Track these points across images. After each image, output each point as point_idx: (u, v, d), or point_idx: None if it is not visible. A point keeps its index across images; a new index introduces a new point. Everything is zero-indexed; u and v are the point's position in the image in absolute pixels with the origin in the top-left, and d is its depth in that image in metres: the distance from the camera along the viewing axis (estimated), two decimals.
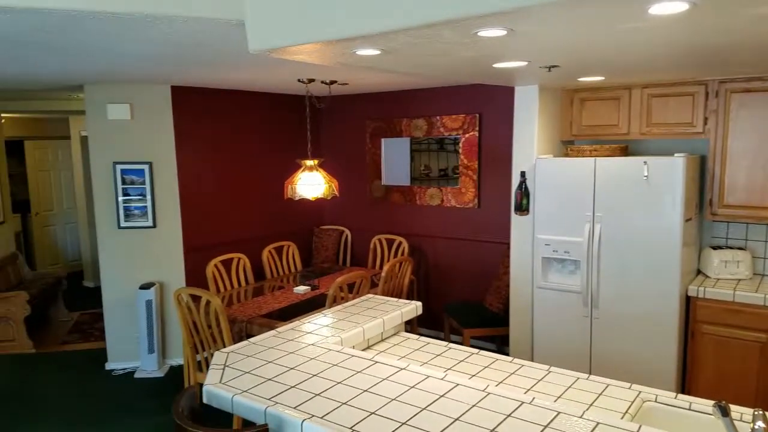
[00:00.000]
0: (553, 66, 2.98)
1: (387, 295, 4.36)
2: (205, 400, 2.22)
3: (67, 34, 2.53)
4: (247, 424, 3.14)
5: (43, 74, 3.98)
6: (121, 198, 4.96)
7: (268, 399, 2.06)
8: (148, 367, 4.99)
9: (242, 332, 4.00)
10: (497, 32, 2.01)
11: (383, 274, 4.24)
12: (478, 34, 2.03)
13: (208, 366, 3.86)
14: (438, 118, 5.28)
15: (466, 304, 4.94)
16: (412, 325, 4.95)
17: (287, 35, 2.17)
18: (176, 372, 5.02)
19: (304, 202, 5.53)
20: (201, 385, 2.23)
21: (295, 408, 1.98)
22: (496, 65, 2.82)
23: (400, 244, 5.50)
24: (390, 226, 5.78)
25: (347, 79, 4.36)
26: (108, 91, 4.82)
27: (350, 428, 1.83)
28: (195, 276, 5.16)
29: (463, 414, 1.91)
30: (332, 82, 4.43)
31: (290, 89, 5.18)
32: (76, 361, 5.39)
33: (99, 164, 4.93)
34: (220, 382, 2.24)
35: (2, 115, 6.67)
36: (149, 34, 2.54)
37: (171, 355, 5.19)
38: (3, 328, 5.68)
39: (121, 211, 4.98)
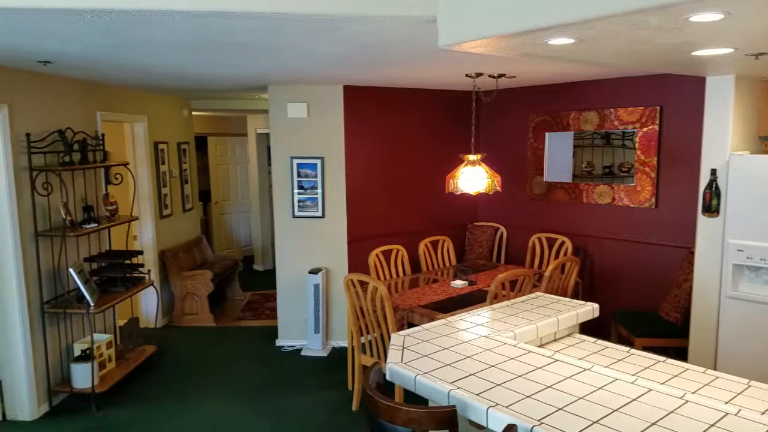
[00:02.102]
0: (761, 53, 2.69)
1: None
2: (388, 377, 2.34)
3: (271, 36, 2.79)
4: (407, 399, 3.22)
5: (239, 75, 4.43)
6: (296, 190, 5.37)
7: (450, 383, 2.11)
8: (314, 346, 5.35)
9: (403, 320, 4.14)
10: (712, 16, 1.87)
11: (546, 273, 4.13)
12: (689, 19, 1.90)
13: (371, 348, 4.05)
14: (612, 110, 4.99)
15: (637, 312, 4.65)
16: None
17: (480, 28, 2.20)
18: (338, 353, 5.33)
19: (458, 197, 5.56)
20: (363, 365, 2.34)
21: (478, 395, 2.02)
22: (695, 53, 2.62)
23: (562, 243, 5.31)
24: (551, 224, 5.60)
25: (516, 71, 4.30)
26: (288, 92, 5.24)
27: (538, 420, 1.82)
28: (356, 264, 5.43)
29: (660, 419, 1.81)
30: (500, 76, 4.39)
31: (455, 84, 5.22)
32: (250, 337, 5.94)
33: (278, 158, 5.38)
34: (401, 361, 2.34)
35: (193, 113, 7.53)
36: (344, 33, 2.71)
37: (333, 336, 5.52)
38: (189, 303, 6.42)
39: (296, 202, 5.40)
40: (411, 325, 4.01)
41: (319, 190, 5.36)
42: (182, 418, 4.12)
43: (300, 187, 5.37)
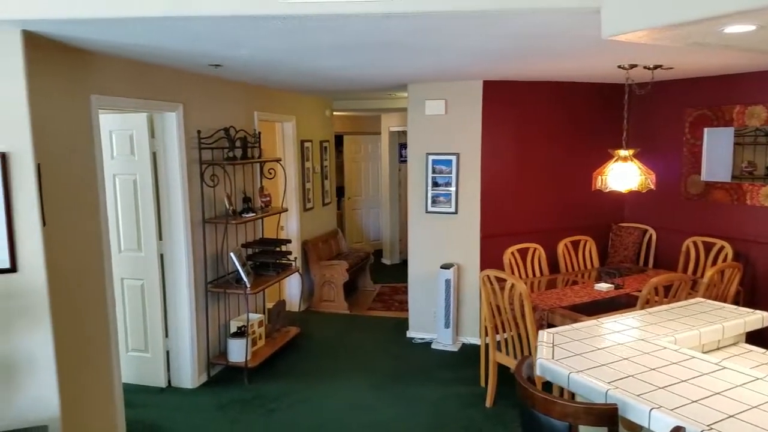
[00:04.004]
0: None
1: None
2: (538, 373, 2.34)
3: (428, 34, 2.87)
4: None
5: (388, 75, 4.58)
6: (430, 185, 5.47)
7: (608, 383, 2.07)
8: (444, 341, 5.42)
9: (542, 320, 4.05)
10: None
11: (705, 279, 3.84)
12: None
13: (506, 346, 4.02)
14: None
15: None
16: None
17: (648, 17, 2.11)
18: (468, 349, 5.35)
19: (602, 197, 5.30)
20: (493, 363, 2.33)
21: (638, 396, 1.95)
22: None
23: (721, 248, 4.88)
24: (708, 227, 5.15)
25: (675, 62, 4.03)
26: (427, 89, 5.35)
27: (708, 426, 1.73)
28: (489, 261, 5.37)
29: None
30: (656, 67, 4.14)
31: (604, 77, 4.99)
32: (381, 326, 6.15)
33: (414, 155, 5.51)
34: (552, 358, 2.33)
35: (333, 113, 7.92)
36: (500, 28, 2.73)
37: (463, 332, 5.54)
38: (327, 290, 6.78)
39: (429, 197, 5.50)
40: (551, 325, 3.93)
41: (453, 187, 5.41)
42: (323, 397, 4.38)
43: (434, 183, 5.46)
